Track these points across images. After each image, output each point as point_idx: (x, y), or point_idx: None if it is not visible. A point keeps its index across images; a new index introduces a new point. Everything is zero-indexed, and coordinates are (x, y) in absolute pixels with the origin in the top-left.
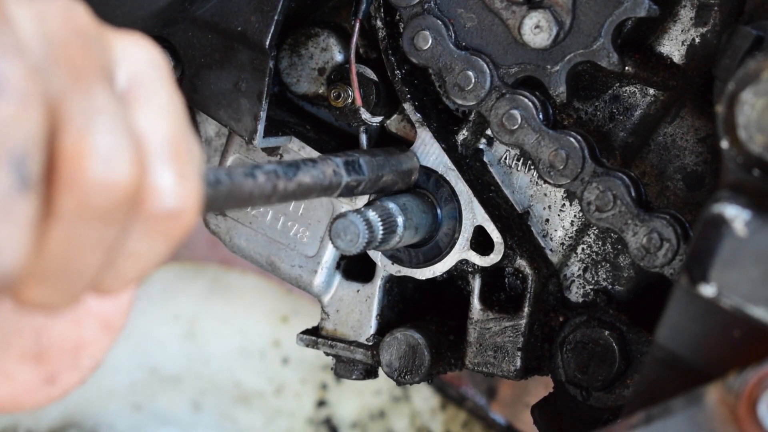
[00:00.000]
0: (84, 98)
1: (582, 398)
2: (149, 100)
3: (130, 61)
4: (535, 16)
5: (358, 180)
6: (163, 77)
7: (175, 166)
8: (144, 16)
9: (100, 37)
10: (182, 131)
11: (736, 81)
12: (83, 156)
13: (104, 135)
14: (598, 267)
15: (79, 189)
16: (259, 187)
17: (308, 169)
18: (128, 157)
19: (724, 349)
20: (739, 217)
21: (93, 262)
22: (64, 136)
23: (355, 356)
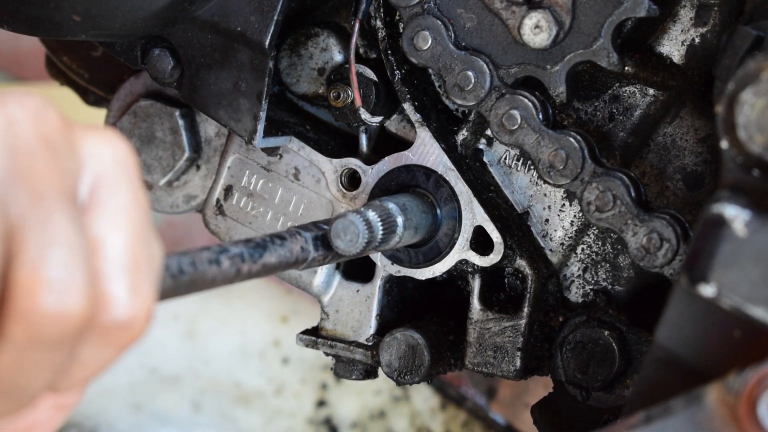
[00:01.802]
0: (42, 225)
1: (582, 398)
2: (110, 204)
3: (96, 162)
4: (535, 16)
5: (326, 254)
6: (127, 177)
7: (130, 279)
8: (144, 16)
9: (68, 142)
10: (141, 238)
11: (736, 81)
12: (36, 288)
13: (59, 268)
14: (597, 267)
15: (30, 320)
16: (223, 273)
17: (275, 248)
18: (81, 287)
19: (724, 349)
20: (739, 217)
21: (42, 379)
22: (19, 265)
23: (354, 356)
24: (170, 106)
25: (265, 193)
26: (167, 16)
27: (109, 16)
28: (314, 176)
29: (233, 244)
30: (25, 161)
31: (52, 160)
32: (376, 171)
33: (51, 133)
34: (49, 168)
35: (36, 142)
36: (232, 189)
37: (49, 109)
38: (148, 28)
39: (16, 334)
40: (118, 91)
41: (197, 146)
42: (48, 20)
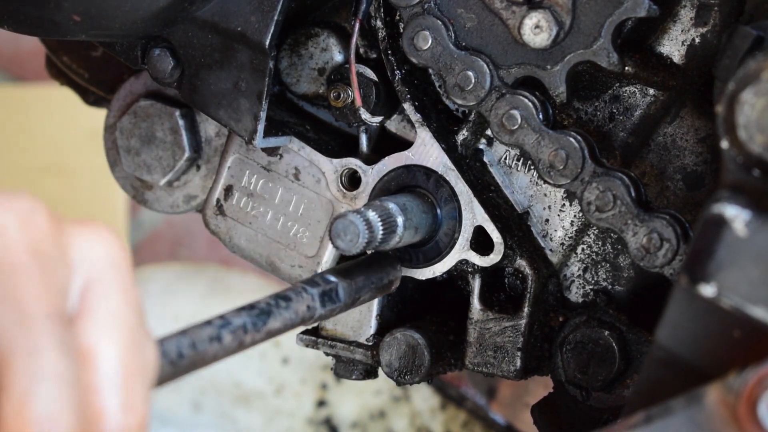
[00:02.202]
0: (29, 355)
1: (582, 398)
2: (101, 311)
3: (87, 264)
4: (535, 16)
5: (333, 309)
6: (118, 278)
7: (122, 394)
8: (144, 16)
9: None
10: (133, 345)
11: (736, 81)
12: (22, 427)
13: (46, 404)
14: (598, 267)
15: None
16: (224, 349)
17: (280, 312)
18: (71, 421)
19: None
20: (739, 217)
21: None
22: (5, 400)
23: (354, 356)
24: (170, 106)
25: (265, 193)
26: (167, 16)
27: (109, 16)
28: (314, 176)
29: (236, 314)
30: (12, 278)
31: (41, 275)
32: (377, 171)
33: (40, 241)
34: (38, 285)
35: (24, 254)
36: (232, 189)
37: (38, 212)
38: (148, 28)
39: None
40: (118, 91)
41: (197, 146)
42: (48, 20)
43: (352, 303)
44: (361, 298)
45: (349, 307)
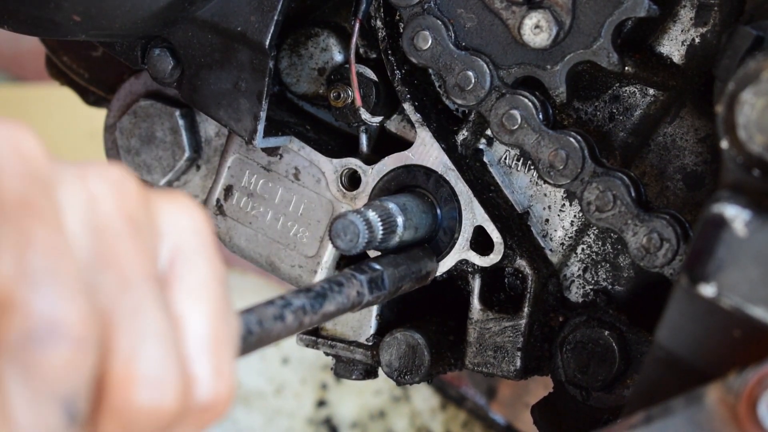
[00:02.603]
0: (133, 315)
1: (582, 398)
2: (190, 279)
3: (174, 233)
4: (535, 16)
5: (378, 296)
6: (205, 248)
7: (213, 360)
8: (144, 16)
9: (148, 214)
10: (221, 314)
11: (736, 81)
12: (130, 384)
13: (151, 360)
14: (598, 267)
15: (125, 417)
16: (287, 328)
17: (334, 296)
18: (175, 381)
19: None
20: (739, 217)
21: None
22: (113, 359)
23: (354, 356)
24: (170, 106)
25: (265, 193)
26: (167, 16)
27: (109, 16)
28: (314, 176)
29: (295, 296)
30: (110, 243)
31: (137, 241)
32: (376, 171)
33: (133, 209)
34: (135, 250)
35: (119, 221)
36: (232, 189)
37: (129, 181)
38: (148, 28)
39: (109, 430)
40: (118, 91)
41: (197, 146)
42: (48, 20)
43: (395, 291)
44: (402, 288)
45: (392, 295)
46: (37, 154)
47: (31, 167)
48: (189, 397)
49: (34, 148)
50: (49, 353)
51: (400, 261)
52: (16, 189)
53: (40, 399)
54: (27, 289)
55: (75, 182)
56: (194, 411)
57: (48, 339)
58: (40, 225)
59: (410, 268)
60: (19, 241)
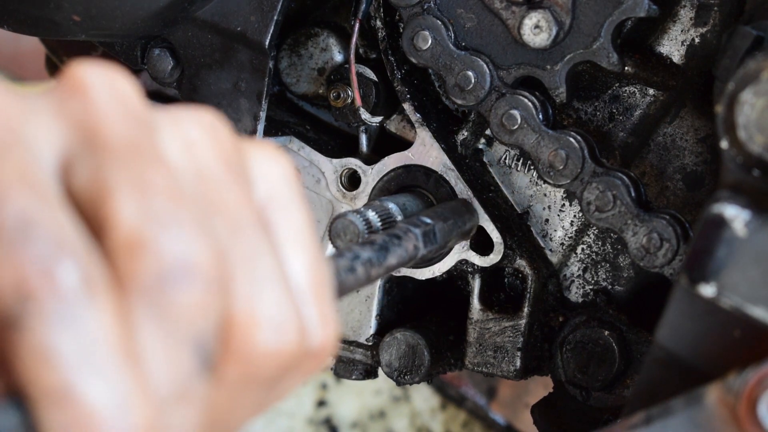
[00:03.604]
0: (247, 258)
1: (582, 398)
2: (286, 228)
3: (266, 180)
4: (535, 16)
5: (431, 249)
6: (296, 196)
7: (319, 306)
8: (144, 16)
9: (242, 160)
10: (319, 259)
11: (736, 81)
12: (253, 328)
13: (271, 303)
14: (597, 267)
15: (248, 359)
16: (357, 280)
17: (395, 249)
18: (293, 321)
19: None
20: (739, 217)
21: (246, 417)
22: (234, 305)
23: (354, 356)
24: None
25: None
26: (167, 16)
27: (109, 16)
28: (314, 176)
29: (362, 248)
30: (214, 188)
31: (240, 185)
32: (376, 171)
33: (229, 154)
34: (240, 194)
35: (218, 166)
36: None
37: (223, 127)
38: (148, 28)
39: (234, 375)
40: None
41: None
42: (48, 20)
43: (444, 245)
44: (450, 242)
45: (442, 248)
46: (136, 98)
47: (133, 110)
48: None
49: (132, 92)
50: (183, 293)
51: (447, 215)
52: (123, 131)
53: (172, 340)
54: (155, 229)
55: (172, 127)
56: (304, 358)
57: (181, 279)
58: (154, 168)
59: (456, 223)
60: (138, 183)
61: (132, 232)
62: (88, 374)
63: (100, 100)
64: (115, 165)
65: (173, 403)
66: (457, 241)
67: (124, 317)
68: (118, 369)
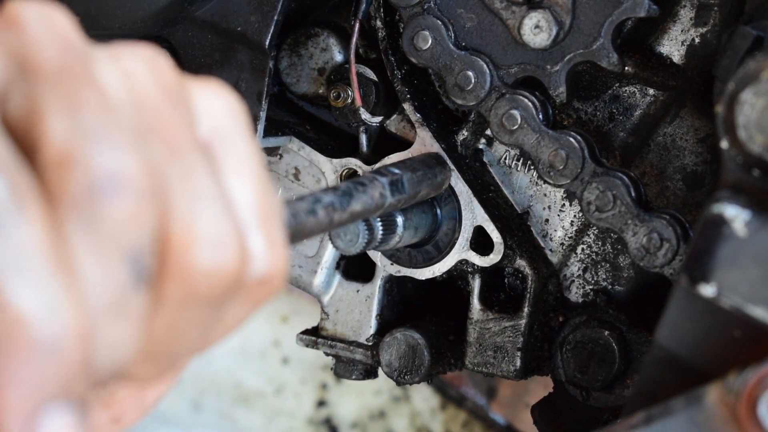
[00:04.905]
0: (184, 178)
1: (582, 398)
2: (231, 158)
3: (210, 114)
4: (535, 16)
5: (399, 199)
6: (242, 128)
7: (265, 232)
8: (144, 16)
9: (183, 92)
10: (266, 189)
11: (736, 81)
12: (191, 245)
13: (210, 221)
14: (597, 267)
15: (188, 278)
16: (319, 223)
17: (360, 195)
18: (234, 241)
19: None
20: (739, 217)
21: (192, 340)
22: (171, 223)
23: (354, 356)
24: None
25: None
26: (167, 16)
27: (109, 16)
28: (314, 176)
29: (324, 193)
30: (152, 114)
31: (178, 111)
32: None
33: (169, 85)
34: (178, 119)
35: (157, 94)
36: None
37: (162, 60)
38: (148, 28)
39: (174, 295)
40: None
41: None
42: None
43: (414, 196)
44: (420, 193)
45: (412, 200)
46: (72, 31)
47: (68, 40)
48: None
49: (68, 25)
50: (113, 205)
51: (416, 166)
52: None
53: (106, 253)
54: (85, 144)
55: (109, 59)
56: (251, 284)
57: (111, 191)
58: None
59: (426, 174)
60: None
61: (62, 147)
62: (17, 281)
63: (34, 30)
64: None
65: (107, 316)
66: (429, 193)
67: (55, 229)
68: (48, 277)
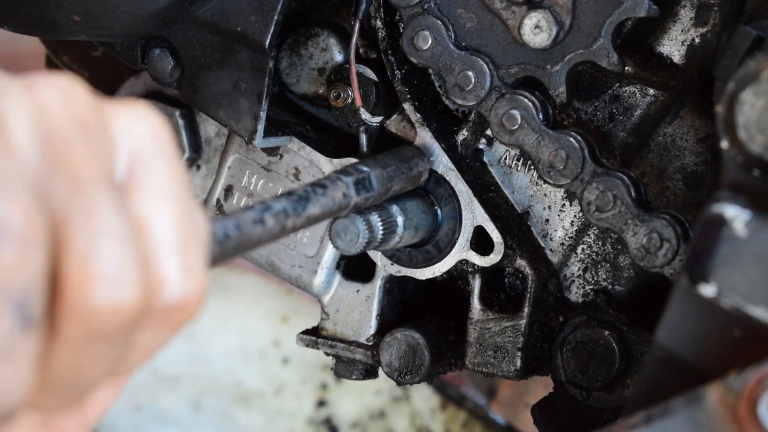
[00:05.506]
0: (85, 215)
1: (582, 398)
2: (150, 182)
3: (130, 139)
4: (535, 16)
5: (367, 197)
6: (163, 151)
7: (180, 257)
8: (144, 16)
9: (100, 121)
10: (185, 212)
11: (736, 81)
12: (87, 284)
13: (108, 259)
14: (598, 267)
15: (84, 316)
16: (268, 232)
17: (318, 198)
18: (134, 278)
19: (724, 349)
20: (739, 217)
21: (99, 372)
22: (67, 261)
23: (355, 356)
24: (170, 106)
25: (265, 193)
26: (167, 16)
27: (109, 16)
28: (314, 176)
29: (276, 200)
30: (60, 149)
31: (88, 145)
32: None
33: (82, 115)
34: (86, 153)
35: (69, 127)
36: (232, 189)
37: (77, 89)
38: (148, 28)
39: (70, 331)
40: (118, 91)
41: (197, 146)
42: (48, 20)
43: (385, 192)
44: (393, 188)
45: (383, 196)
46: None
47: None
48: (157, 295)
49: None
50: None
51: (388, 161)
52: None
53: None
54: None
55: (21, 92)
56: (164, 310)
57: None
58: None
59: (399, 168)
60: None
61: None
62: None
63: None
64: None
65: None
66: (405, 187)
67: None
68: None
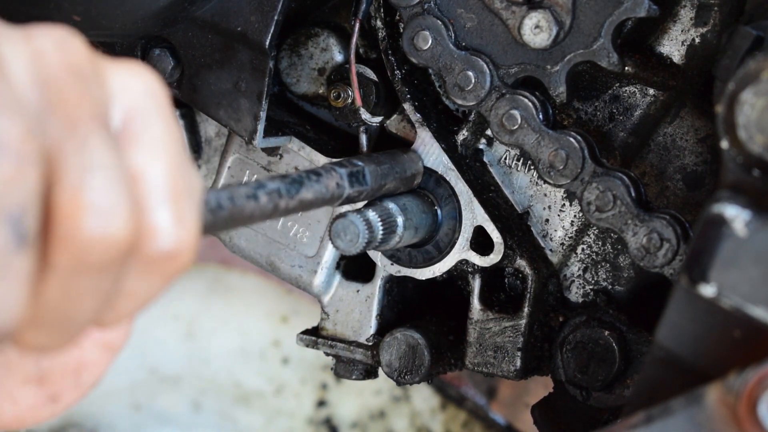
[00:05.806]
0: (79, 150)
1: (582, 398)
2: (146, 136)
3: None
4: (535, 16)
5: (360, 191)
6: (159, 108)
7: (173, 207)
8: (144, 16)
9: (96, 72)
10: (180, 166)
11: (736, 81)
12: (78, 213)
13: (99, 190)
14: (598, 267)
15: (75, 245)
16: (260, 208)
17: (311, 184)
18: (124, 211)
19: (724, 349)
20: (739, 217)
21: (89, 308)
22: (60, 191)
23: (355, 356)
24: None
25: None
26: (167, 16)
27: (109, 16)
28: None
29: (270, 180)
30: (56, 91)
31: (83, 89)
32: None
33: (78, 63)
34: (80, 95)
35: (64, 72)
36: None
37: (74, 39)
38: (148, 28)
39: (61, 261)
40: None
41: (197, 146)
42: (48, 20)
43: (378, 189)
44: (386, 186)
45: (376, 192)
46: None
47: None
48: (149, 242)
49: None
50: None
51: (382, 159)
52: None
53: None
54: None
55: (19, 39)
56: (155, 258)
57: None
58: None
59: (393, 168)
60: None
61: None
62: None
63: None
64: None
65: None
66: (398, 187)
67: None
68: None
